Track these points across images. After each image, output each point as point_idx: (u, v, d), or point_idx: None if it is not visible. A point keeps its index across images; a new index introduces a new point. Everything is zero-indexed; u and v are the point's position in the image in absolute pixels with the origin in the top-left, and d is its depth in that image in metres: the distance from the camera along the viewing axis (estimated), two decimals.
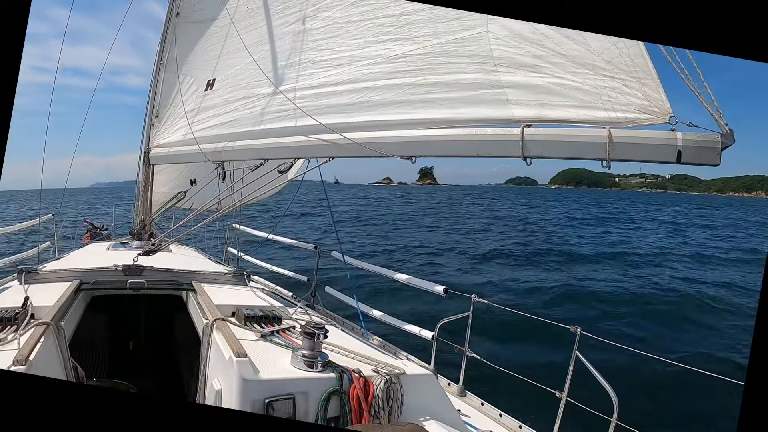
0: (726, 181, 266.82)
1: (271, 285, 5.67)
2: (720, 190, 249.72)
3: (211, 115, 4.90)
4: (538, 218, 39.44)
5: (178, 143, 5.46)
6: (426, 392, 2.42)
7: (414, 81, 2.98)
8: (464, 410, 3.18)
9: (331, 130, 3.30)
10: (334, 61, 3.55)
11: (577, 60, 2.31)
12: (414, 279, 4.36)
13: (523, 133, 2.39)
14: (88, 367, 3.08)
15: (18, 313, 2.60)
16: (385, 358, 2.60)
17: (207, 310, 3.06)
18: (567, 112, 2.34)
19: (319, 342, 2.35)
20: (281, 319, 2.98)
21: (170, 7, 6.02)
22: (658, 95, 2.11)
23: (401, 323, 4.22)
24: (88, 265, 3.87)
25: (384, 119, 3.11)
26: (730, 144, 1.92)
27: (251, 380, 2.14)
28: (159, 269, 3.85)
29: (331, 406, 2.18)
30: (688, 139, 1.99)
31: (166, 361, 4.48)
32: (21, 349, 2.19)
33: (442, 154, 2.83)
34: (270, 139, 3.96)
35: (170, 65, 6.01)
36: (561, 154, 2.34)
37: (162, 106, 6.02)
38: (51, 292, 3.19)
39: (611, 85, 2.21)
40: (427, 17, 2.95)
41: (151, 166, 6.28)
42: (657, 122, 2.09)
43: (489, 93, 2.61)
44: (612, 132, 2.14)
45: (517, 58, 2.51)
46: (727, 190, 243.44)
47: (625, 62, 2.17)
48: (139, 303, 4.32)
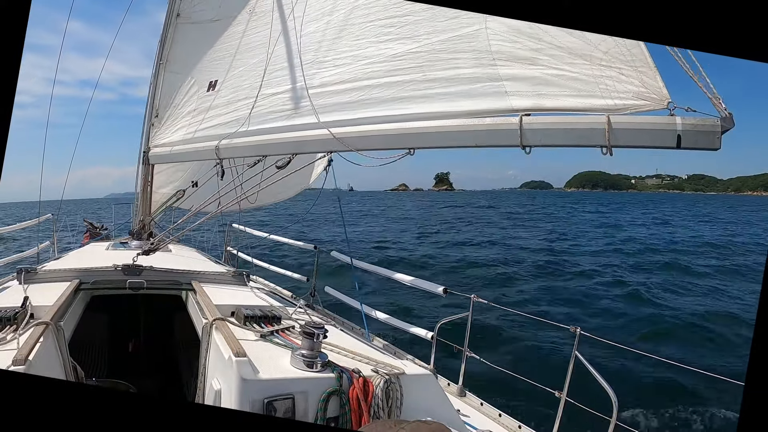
0: (743, 180, 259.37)
1: (271, 285, 5.67)
2: (738, 190, 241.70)
3: (213, 115, 4.91)
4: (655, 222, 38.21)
5: (178, 143, 5.46)
6: (425, 392, 2.41)
7: (414, 77, 3.00)
8: (464, 410, 3.17)
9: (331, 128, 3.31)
10: (337, 61, 3.58)
11: (574, 51, 2.32)
12: (414, 279, 4.36)
13: (521, 122, 2.40)
14: (87, 366, 3.07)
15: (17, 313, 2.60)
16: (385, 358, 2.60)
17: (206, 310, 3.05)
18: (565, 101, 2.34)
19: (319, 342, 2.35)
20: (281, 319, 2.97)
21: (170, 8, 6.02)
22: (656, 82, 2.11)
23: (401, 323, 4.22)
24: (88, 265, 3.86)
25: (385, 115, 3.12)
26: (730, 127, 1.91)
27: (251, 380, 2.14)
28: (158, 269, 3.85)
29: (331, 406, 2.18)
30: (687, 123, 1.98)
31: (166, 361, 4.47)
32: (20, 348, 2.19)
33: (441, 145, 2.83)
34: (269, 135, 3.97)
35: (170, 65, 6.02)
36: (560, 142, 2.34)
37: (161, 106, 6.02)
38: (50, 292, 3.18)
39: (608, 74, 2.22)
40: (427, 17, 2.97)
41: (151, 165, 6.28)
42: (655, 108, 2.09)
43: (488, 86, 2.62)
44: (611, 118, 2.14)
45: (515, 51, 2.52)
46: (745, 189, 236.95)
47: (621, 52, 2.18)
48: (139, 303, 4.32)
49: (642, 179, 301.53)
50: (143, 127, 6.28)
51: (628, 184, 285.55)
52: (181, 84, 5.70)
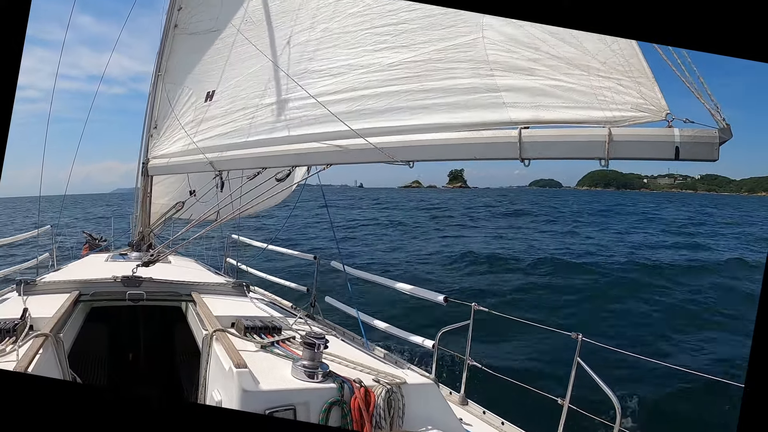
0: (757, 180, 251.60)
1: (271, 295, 5.65)
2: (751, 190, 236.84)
3: (211, 126, 4.91)
4: None
5: (176, 154, 5.47)
6: (427, 401, 2.39)
7: (411, 87, 2.99)
8: (466, 419, 3.15)
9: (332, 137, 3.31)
10: (332, 70, 3.56)
11: (572, 62, 2.32)
12: (414, 288, 4.34)
13: (520, 135, 2.40)
14: (87, 378, 3.06)
15: (17, 325, 2.59)
16: (386, 367, 2.58)
17: (206, 321, 3.04)
18: (563, 113, 2.35)
19: (320, 352, 2.34)
20: (281, 330, 2.96)
21: (168, 19, 6.05)
22: (654, 93, 2.11)
23: (402, 332, 4.20)
24: (87, 277, 3.85)
25: (382, 126, 3.12)
26: (728, 138, 1.92)
27: (252, 391, 2.12)
28: (158, 280, 3.84)
29: (332, 416, 2.16)
30: (685, 135, 1.99)
31: (166, 372, 4.45)
32: (20, 360, 2.18)
33: (440, 158, 2.83)
34: (268, 147, 3.97)
35: (168, 76, 6.03)
36: (559, 155, 2.34)
37: (160, 118, 6.03)
38: (50, 304, 3.17)
39: (607, 85, 2.22)
40: (423, 25, 2.97)
41: (150, 177, 6.28)
42: (653, 120, 2.10)
43: (485, 97, 2.62)
44: (611, 130, 2.15)
45: (512, 61, 2.52)
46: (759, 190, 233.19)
47: (619, 62, 2.18)
48: (138, 314, 4.31)
49: (654, 178, 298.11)
50: (142, 139, 6.29)
51: (640, 183, 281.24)
52: (178, 95, 5.71)
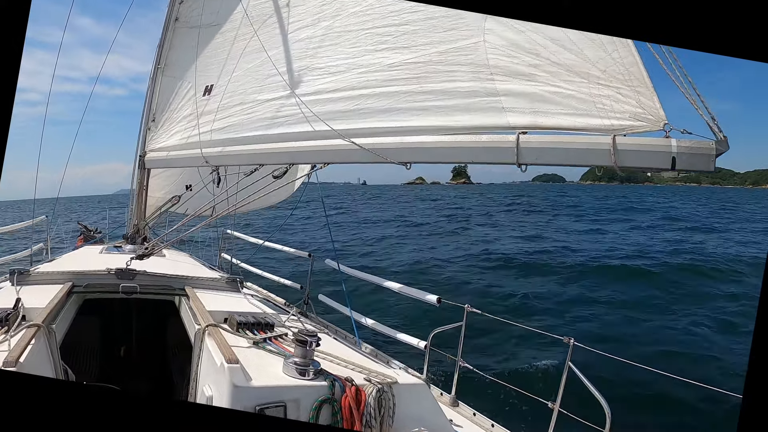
0: (761, 173, 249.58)
1: (264, 292, 5.65)
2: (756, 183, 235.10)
3: (209, 120, 4.90)
4: None
5: (174, 147, 5.45)
6: (418, 402, 2.40)
7: (411, 89, 3.00)
8: (456, 420, 3.16)
9: (329, 136, 3.31)
10: (332, 68, 3.56)
11: (572, 69, 2.32)
12: (407, 288, 4.35)
13: (518, 140, 2.41)
14: (78, 370, 3.05)
15: (9, 315, 2.58)
16: (378, 366, 2.59)
17: (199, 316, 3.04)
18: (562, 119, 2.35)
19: (312, 350, 2.34)
20: (274, 326, 2.96)
21: (169, 12, 6.04)
22: (653, 103, 2.12)
23: (394, 332, 4.21)
24: (81, 268, 3.84)
25: (380, 126, 3.12)
26: (725, 150, 1.94)
27: (242, 387, 2.12)
28: (152, 274, 3.83)
29: (323, 414, 2.17)
30: (682, 146, 2.00)
31: (157, 366, 4.44)
32: (11, 350, 2.17)
33: (437, 160, 2.84)
34: (265, 144, 3.97)
35: (167, 70, 6.02)
36: (557, 161, 2.35)
37: (158, 111, 6.01)
38: (43, 294, 3.16)
39: (606, 93, 2.23)
40: (425, 27, 2.97)
41: (147, 170, 6.26)
42: (651, 129, 2.11)
43: (485, 101, 2.63)
44: (608, 139, 2.16)
45: (513, 66, 2.52)
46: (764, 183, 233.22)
47: (619, 71, 2.19)
48: (131, 307, 4.29)
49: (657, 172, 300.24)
50: (140, 131, 6.28)
51: (644, 177, 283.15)
52: (177, 88, 5.70)
